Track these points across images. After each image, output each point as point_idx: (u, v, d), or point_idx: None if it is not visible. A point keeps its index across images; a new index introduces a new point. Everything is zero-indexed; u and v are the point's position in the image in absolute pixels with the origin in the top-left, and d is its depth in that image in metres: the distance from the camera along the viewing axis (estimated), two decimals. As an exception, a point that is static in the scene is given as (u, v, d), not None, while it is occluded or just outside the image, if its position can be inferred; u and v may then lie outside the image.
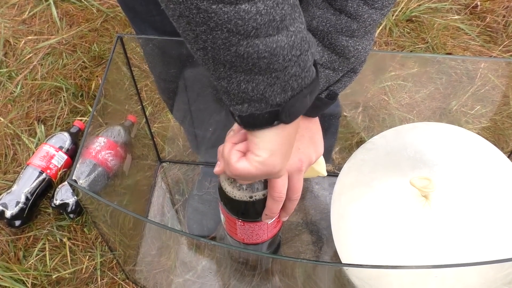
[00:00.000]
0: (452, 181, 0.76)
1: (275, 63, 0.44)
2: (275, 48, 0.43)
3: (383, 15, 0.58)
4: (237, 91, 0.46)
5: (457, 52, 1.56)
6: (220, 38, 0.42)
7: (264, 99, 0.46)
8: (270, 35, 0.42)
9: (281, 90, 0.46)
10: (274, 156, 0.51)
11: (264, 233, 0.70)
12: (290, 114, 0.48)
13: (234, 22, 0.41)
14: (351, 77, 0.61)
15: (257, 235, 0.70)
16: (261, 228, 0.69)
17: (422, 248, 0.73)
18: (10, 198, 1.16)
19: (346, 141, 1.28)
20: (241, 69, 0.44)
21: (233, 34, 0.42)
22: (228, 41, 0.42)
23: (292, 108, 0.48)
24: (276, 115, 0.48)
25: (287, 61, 0.44)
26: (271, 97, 0.46)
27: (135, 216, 0.73)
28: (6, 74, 1.48)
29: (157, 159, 1.25)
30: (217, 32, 0.42)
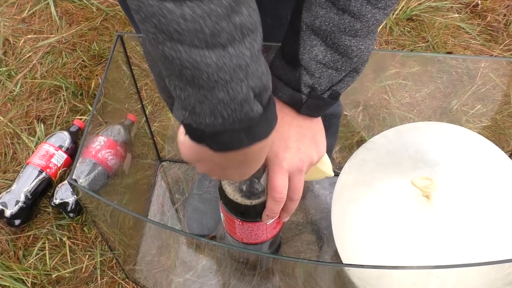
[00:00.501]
0: (453, 181, 0.76)
1: (199, 78, 0.41)
2: (199, 62, 0.40)
3: (386, 15, 0.58)
4: (175, 94, 0.44)
5: (458, 51, 1.55)
6: (150, 31, 0.40)
7: (195, 114, 0.43)
8: (196, 46, 0.39)
9: (210, 112, 0.42)
10: (184, 150, 0.52)
11: (264, 233, 0.70)
12: (218, 143, 0.45)
13: (158, 18, 0.39)
14: (353, 77, 0.61)
15: (256, 235, 0.70)
16: (260, 229, 0.69)
17: (423, 248, 0.73)
18: (9, 197, 1.16)
19: (347, 140, 1.28)
20: (173, 72, 0.42)
21: (158, 31, 0.39)
22: (156, 37, 0.40)
23: (220, 138, 0.44)
24: (204, 137, 0.45)
25: (213, 81, 0.41)
26: (201, 115, 0.43)
27: (135, 215, 0.73)
28: (5, 73, 1.48)
29: (157, 158, 1.25)
30: (146, 24, 0.40)
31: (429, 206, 0.73)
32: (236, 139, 0.45)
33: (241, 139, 0.45)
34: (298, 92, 0.60)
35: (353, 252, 0.80)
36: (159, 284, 1.09)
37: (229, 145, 0.45)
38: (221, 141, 0.45)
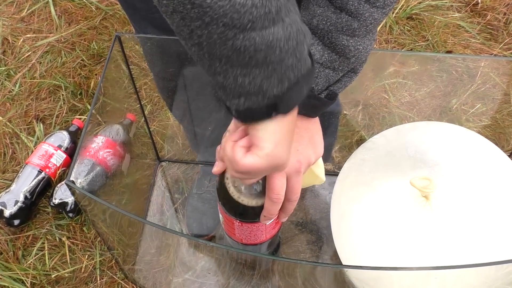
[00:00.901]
0: (452, 181, 0.76)
1: (272, 55, 0.44)
2: (271, 41, 0.43)
3: (384, 14, 0.57)
4: (233, 85, 0.45)
5: (458, 50, 1.55)
6: (215, 32, 0.42)
7: (261, 92, 0.46)
8: (266, 28, 0.42)
9: (278, 81, 0.46)
10: (279, 147, 0.51)
11: (263, 234, 0.70)
12: (288, 104, 0.48)
13: (230, 16, 0.41)
14: (351, 77, 0.61)
15: (255, 236, 0.70)
16: (259, 229, 0.69)
17: (422, 248, 0.73)
18: (9, 197, 1.15)
19: (346, 139, 1.27)
20: (237, 63, 0.44)
21: (229, 28, 0.41)
22: (224, 35, 0.42)
23: (289, 99, 0.47)
24: (273, 107, 0.47)
25: (284, 52, 0.44)
26: (268, 89, 0.46)
27: (133, 217, 0.73)
28: (4, 73, 1.48)
29: (156, 158, 1.25)
30: (212, 26, 0.41)
31: (428, 206, 0.73)
32: (301, 93, 0.48)
33: (303, 91, 0.49)
34: None
35: (352, 252, 0.79)
36: (158, 284, 1.09)
37: (296, 101, 0.49)
38: (291, 102, 0.48)
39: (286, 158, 0.52)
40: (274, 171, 0.55)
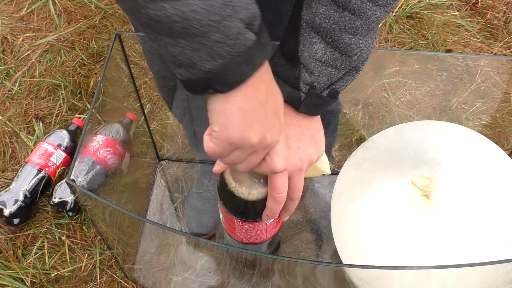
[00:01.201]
0: (453, 181, 0.76)
1: (191, 28, 0.42)
2: (186, 12, 0.41)
3: (386, 13, 0.57)
4: (167, 54, 0.45)
5: (458, 48, 1.55)
6: (128, 1, 0.42)
7: (193, 64, 0.44)
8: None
9: (209, 56, 0.44)
10: (229, 129, 0.48)
11: (263, 233, 0.70)
12: (225, 82, 0.46)
13: None
14: (352, 75, 0.61)
15: (256, 235, 0.70)
16: (260, 228, 0.69)
17: (423, 247, 0.73)
18: (8, 196, 1.15)
19: (346, 138, 1.27)
20: (161, 31, 0.43)
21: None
22: (136, 4, 0.41)
23: (225, 76, 0.45)
24: (209, 83, 0.45)
25: (205, 26, 0.42)
26: (199, 62, 0.44)
27: (133, 215, 0.73)
28: (4, 72, 1.48)
29: (156, 157, 1.24)
30: None
31: (428, 206, 0.73)
32: (239, 72, 0.46)
33: (243, 71, 0.46)
34: (297, 90, 0.60)
35: (353, 251, 0.79)
36: (158, 283, 1.09)
37: (235, 80, 0.46)
38: (227, 80, 0.46)
39: (244, 138, 0.49)
40: (245, 151, 0.52)
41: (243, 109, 0.48)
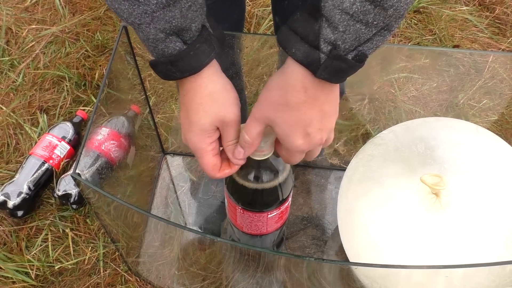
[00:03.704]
0: (463, 179, 0.75)
1: (124, 20, 0.51)
2: (117, 8, 0.50)
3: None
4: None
5: (465, 44, 1.54)
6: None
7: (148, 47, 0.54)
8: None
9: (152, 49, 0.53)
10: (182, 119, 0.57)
11: (263, 226, 0.69)
12: (158, 72, 0.55)
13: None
14: (384, 36, 0.50)
15: (256, 227, 0.69)
16: (260, 220, 0.68)
17: (431, 246, 0.72)
18: (12, 189, 1.15)
19: (351, 133, 1.26)
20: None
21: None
22: None
23: (157, 68, 0.54)
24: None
25: (131, 23, 0.51)
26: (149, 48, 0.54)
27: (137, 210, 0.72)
28: (8, 63, 1.47)
29: (160, 150, 1.24)
30: None
31: (438, 204, 0.72)
32: (167, 70, 0.54)
33: (172, 70, 0.53)
34: (316, 50, 0.49)
35: (360, 249, 0.79)
36: (162, 277, 1.08)
37: (165, 75, 0.55)
38: (159, 71, 0.55)
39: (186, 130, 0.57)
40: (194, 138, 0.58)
41: (183, 103, 0.56)
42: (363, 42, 0.49)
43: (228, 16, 0.90)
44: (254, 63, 1.23)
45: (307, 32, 0.49)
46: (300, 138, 0.54)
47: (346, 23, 0.47)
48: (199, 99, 0.56)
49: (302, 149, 0.56)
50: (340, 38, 0.48)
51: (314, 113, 0.53)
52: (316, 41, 0.49)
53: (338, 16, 0.47)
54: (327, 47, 0.49)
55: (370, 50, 0.51)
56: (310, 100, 0.52)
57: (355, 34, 0.48)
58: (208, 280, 1.03)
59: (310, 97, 0.52)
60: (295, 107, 0.53)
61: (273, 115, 0.54)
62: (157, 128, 1.18)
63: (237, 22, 0.95)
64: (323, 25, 0.48)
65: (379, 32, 0.49)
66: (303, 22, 0.50)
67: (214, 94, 0.56)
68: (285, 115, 0.53)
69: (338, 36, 0.48)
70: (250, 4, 1.60)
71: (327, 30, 0.48)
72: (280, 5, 0.85)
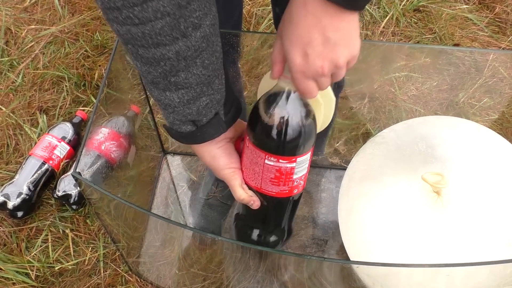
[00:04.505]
0: (464, 177, 0.74)
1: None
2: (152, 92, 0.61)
3: None
4: None
5: (465, 42, 1.53)
6: None
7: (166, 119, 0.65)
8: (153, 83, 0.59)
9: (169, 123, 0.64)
10: None
11: (288, 181, 0.65)
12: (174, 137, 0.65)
13: None
14: None
15: (278, 182, 0.65)
16: (285, 172, 0.64)
17: (433, 245, 0.72)
18: (12, 189, 1.15)
19: (351, 132, 1.26)
20: None
21: None
22: None
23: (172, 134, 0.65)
24: None
25: (159, 105, 0.62)
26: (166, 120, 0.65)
27: (138, 209, 0.72)
28: (7, 63, 1.47)
29: (161, 150, 1.24)
30: None
31: (439, 202, 0.72)
32: (178, 138, 0.65)
33: (180, 140, 0.65)
34: None
35: (361, 247, 0.79)
36: (163, 277, 1.08)
37: (175, 139, 0.65)
38: (170, 135, 0.65)
39: None
40: None
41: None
42: None
43: (229, 19, 0.91)
44: (254, 62, 1.23)
45: None
46: (299, 55, 0.54)
47: None
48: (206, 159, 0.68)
49: (301, 69, 0.55)
50: None
51: (314, 33, 0.53)
52: None
53: None
54: None
55: None
56: (310, 16, 0.52)
57: None
58: (209, 280, 1.03)
59: (309, 13, 0.52)
60: (295, 23, 0.53)
61: (281, 31, 0.56)
62: (157, 128, 1.18)
63: (236, 23, 0.96)
64: None
65: None
66: None
67: (216, 156, 0.67)
68: (288, 31, 0.55)
69: None
70: (250, 4, 1.60)
71: None
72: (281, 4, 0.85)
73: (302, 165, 0.65)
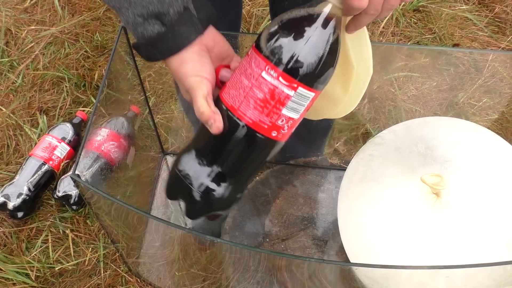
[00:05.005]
0: (464, 178, 0.74)
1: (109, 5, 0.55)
2: None
3: None
4: None
5: (465, 42, 1.53)
6: None
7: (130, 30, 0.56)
8: None
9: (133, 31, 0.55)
10: None
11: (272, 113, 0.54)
12: (142, 55, 0.56)
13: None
14: None
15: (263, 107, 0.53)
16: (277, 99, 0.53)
17: (432, 246, 0.72)
18: (12, 190, 1.15)
19: (351, 132, 1.26)
20: None
21: None
22: None
23: (140, 50, 0.57)
24: None
25: (112, 7, 0.54)
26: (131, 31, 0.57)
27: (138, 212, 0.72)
28: (7, 64, 1.47)
29: (160, 151, 1.24)
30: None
31: (438, 204, 0.72)
32: (149, 52, 0.55)
33: (153, 52, 0.55)
34: None
35: (360, 249, 0.79)
36: (162, 277, 1.08)
37: (148, 56, 0.56)
38: (142, 53, 0.56)
39: None
40: None
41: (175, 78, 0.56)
42: None
43: (224, 16, 0.90)
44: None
45: None
46: None
47: None
48: (174, 67, 0.56)
49: None
50: None
51: None
52: None
53: None
54: None
55: None
56: None
57: None
58: (209, 281, 1.03)
59: None
60: None
61: None
62: (156, 128, 1.18)
63: (234, 22, 0.95)
64: None
65: None
66: None
67: (185, 60, 0.55)
68: None
69: None
70: (249, 4, 1.60)
71: None
72: (280, 6, 0.85)
73: (298, 103, 0.54)
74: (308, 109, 0.56)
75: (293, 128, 0.57)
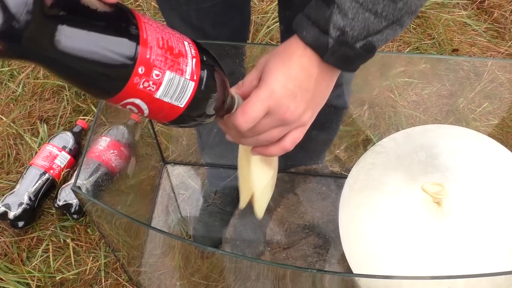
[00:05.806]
0: (465, 187, 0.74)
1: None
2: None
3: None
4: None
5: (464, 48, 1.54)
6: None
7: None
8: None
9: None
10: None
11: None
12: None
13: None
14: (395, 30, 0.51)
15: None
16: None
17: (433, 255, 0.71)
18: (13, 199, 1.15)
19: (352, 139, 1.26)
20: None
21: None
22: None
23: None
24: None
25: None
26: None
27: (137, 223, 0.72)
28: (8, 73, 1.47)
29: (161, 159, 1.24)
30: None
31: (439, 213, 0.72)
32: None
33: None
34: (325, 34, 0.50)
35: (362, 258, 0.78)
36: (163, 287, 1.08)
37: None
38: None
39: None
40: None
41: None
42: (373, 33, 0.50)
43: (228, 22, 0.89)
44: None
45: (319, 18, 0.51)
46: (278, 83, 0.52)
47: (355, 11, 0.49)
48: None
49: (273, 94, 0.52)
50: (348, 25, 0.49)
51: (302, 74, 0.53)
52: (326, 26, 0.50)
53: (348, 4, 0.49)
54: (336, 32, 0.50)
55: (380, 41, 0.52)
56: (304, 59, 0.53)
57: (364, 23, 0.49)
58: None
59: (307, 57, 0.53)
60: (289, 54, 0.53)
61: (267, 58, 0.55)
62: (157, 137, 1.18)
63: (240, 29, 0.94)
64: (334, 12, 0.49)
65: (390, 25, 0.50)
66: (316, 9, 0.51)
67: None
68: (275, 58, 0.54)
69: (347, 23, 0.49)
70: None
71: (338, 17, 0.49)
72: (285, 14, 0.85)
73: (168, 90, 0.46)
74: None
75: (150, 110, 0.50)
